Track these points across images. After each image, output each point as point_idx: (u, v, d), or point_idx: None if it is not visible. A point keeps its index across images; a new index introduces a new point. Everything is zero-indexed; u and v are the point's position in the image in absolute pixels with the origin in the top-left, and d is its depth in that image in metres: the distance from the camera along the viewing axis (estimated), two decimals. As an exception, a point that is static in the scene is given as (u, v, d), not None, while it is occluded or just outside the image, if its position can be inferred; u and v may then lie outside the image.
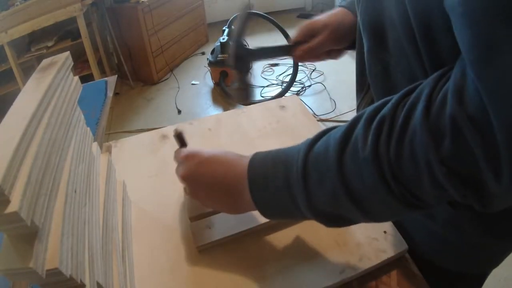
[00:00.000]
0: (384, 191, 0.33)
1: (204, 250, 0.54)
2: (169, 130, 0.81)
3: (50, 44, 2.52)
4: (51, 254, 0.31)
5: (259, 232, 0.56)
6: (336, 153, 0.35)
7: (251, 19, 0.59)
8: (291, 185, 0.38)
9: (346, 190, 0.35)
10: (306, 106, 0.93)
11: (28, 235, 0.30)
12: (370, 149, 0.32)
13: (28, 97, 0.39)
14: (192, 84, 3.01)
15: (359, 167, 0.33)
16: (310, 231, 0.56)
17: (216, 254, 0.54)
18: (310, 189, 0.37)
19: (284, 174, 0.39)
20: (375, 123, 0.33)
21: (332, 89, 2.69)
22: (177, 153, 0.53)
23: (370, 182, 0.33)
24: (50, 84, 0.41)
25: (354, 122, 0.36)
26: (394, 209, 0.35)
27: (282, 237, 0.55)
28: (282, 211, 0.41)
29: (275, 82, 2.87)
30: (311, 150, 0.38)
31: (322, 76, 2.87)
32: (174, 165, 0.73)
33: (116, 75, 1.24)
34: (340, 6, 0.62)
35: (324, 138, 0.38)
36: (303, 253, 0.53)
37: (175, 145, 0.55)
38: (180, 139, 0.54)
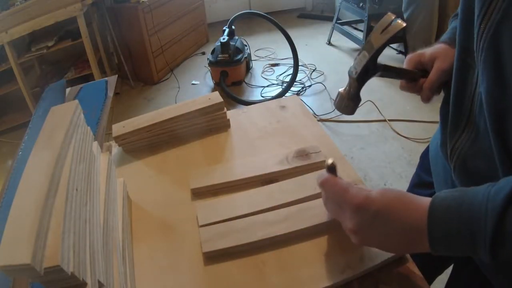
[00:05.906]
0: None
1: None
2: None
3: (50, 44, 2.51)
4: (51, 252, 0.31)
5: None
6: None
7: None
8: (477, 250, 0.37)
9: None
10: (306, 106, 0.93)
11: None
12: None
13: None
14: (193, 84, 3.01)
15: None
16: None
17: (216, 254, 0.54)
18: (497, 254, 0.35)
19: (471, 240, 0.37)
20: None
21: (332, 89, 2.68)
22: (330, 187, 0.47)
23: None
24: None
25: None
26: None
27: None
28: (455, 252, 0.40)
29: (275, 82, 2.87)
30: (504, 219, 0.34)
31: (322, 76, 2.87)
32: (174, 165, 0.73)
33: (117, 75, 1.24)
34: (440, 42, 0.61)
35: None
36: (303, 252, 0.53)
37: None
38: (333, 173, 0.49)
